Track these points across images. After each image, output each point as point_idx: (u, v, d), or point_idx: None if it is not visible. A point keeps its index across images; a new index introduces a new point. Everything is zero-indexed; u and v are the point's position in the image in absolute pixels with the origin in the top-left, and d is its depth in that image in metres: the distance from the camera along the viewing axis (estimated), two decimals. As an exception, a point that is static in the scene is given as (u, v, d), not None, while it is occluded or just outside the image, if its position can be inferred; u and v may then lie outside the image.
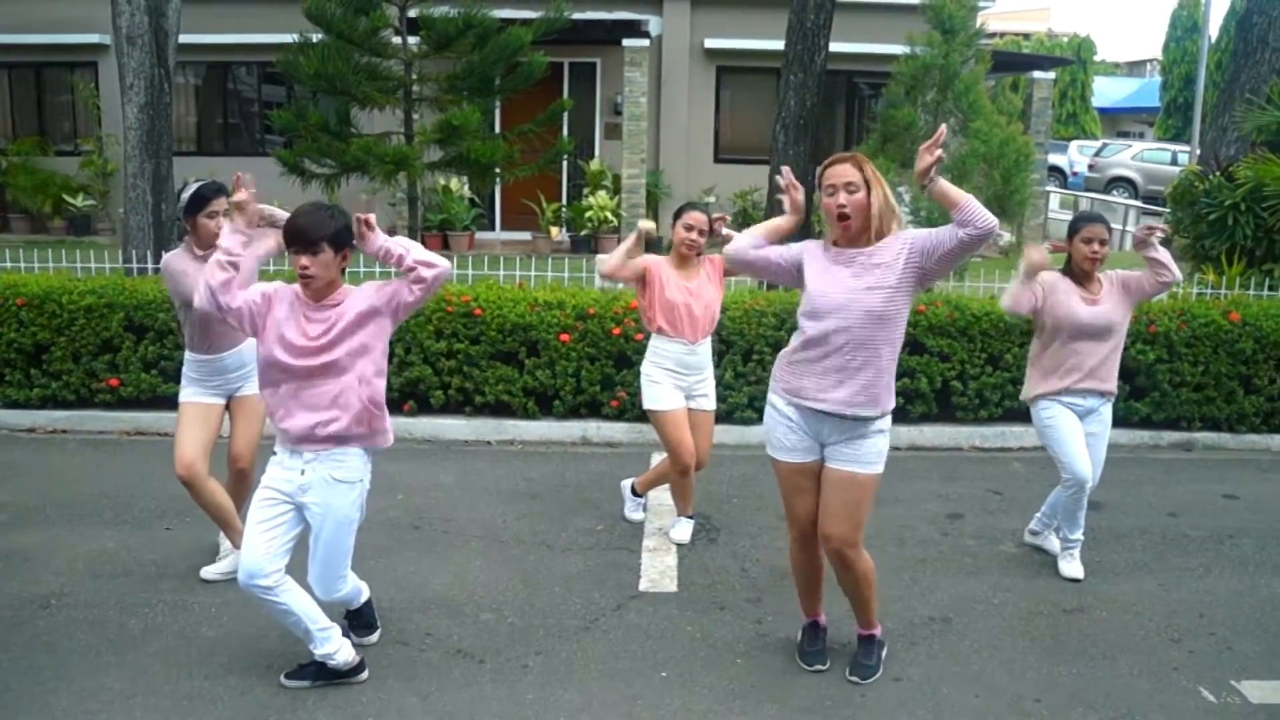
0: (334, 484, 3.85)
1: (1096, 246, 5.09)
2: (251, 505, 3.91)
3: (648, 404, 5.45)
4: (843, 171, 3.80)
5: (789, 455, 4.04)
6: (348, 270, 3.91)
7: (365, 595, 4.35)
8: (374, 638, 4.37)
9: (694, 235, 5.47)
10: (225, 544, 5.03)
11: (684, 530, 5.61)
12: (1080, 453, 5.09)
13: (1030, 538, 5.61)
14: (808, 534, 4.12)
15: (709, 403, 5.58)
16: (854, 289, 3.81)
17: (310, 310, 3.80)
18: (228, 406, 5.00)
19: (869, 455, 3.95)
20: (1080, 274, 5.14)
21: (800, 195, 4.07)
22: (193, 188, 4.72)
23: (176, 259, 4.77)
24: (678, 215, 5.56)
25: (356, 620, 4.36)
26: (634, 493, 5.86)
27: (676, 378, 5.40)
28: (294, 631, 3.97)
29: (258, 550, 3.80)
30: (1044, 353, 5.17)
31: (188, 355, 4.88)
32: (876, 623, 4.29)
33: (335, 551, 3.95)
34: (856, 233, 3.84)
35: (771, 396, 4.08)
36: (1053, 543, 5.49)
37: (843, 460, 3.96)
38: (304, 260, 3.71)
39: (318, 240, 3.70)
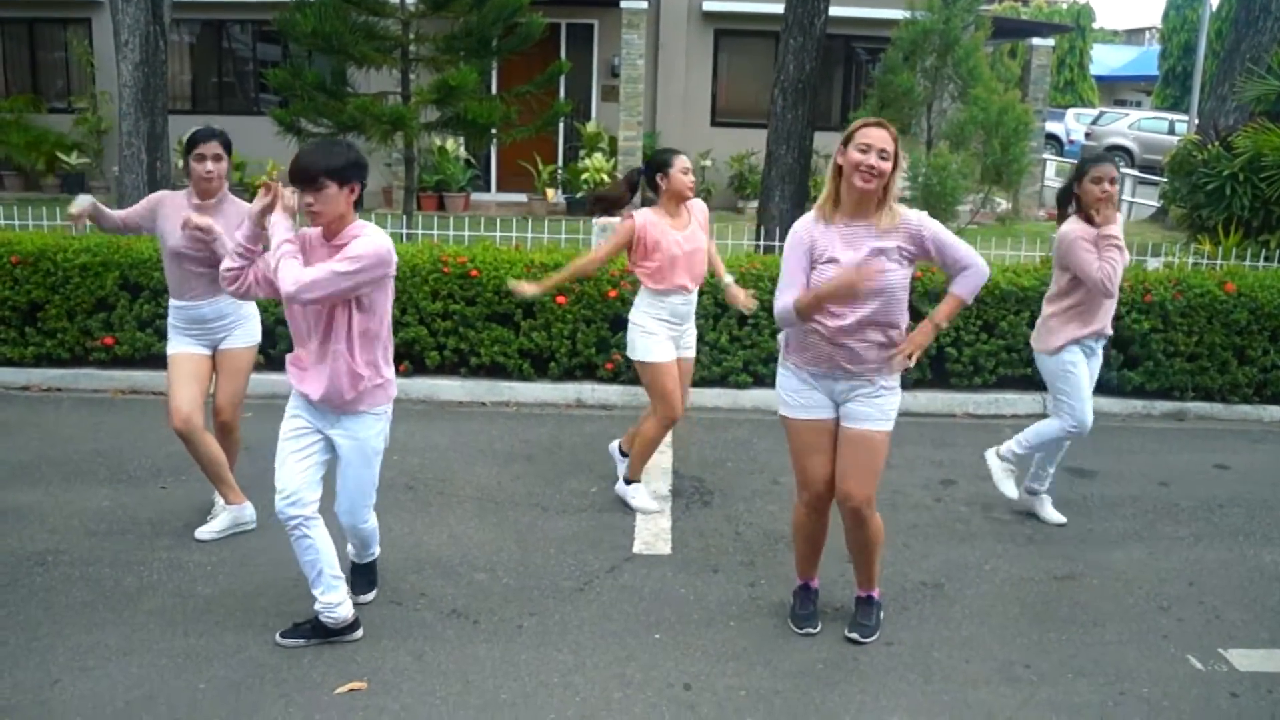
0: (361, 415, 3.95)
1: (1107, 185, 5.08)
2: (281, 438, 4.05)
3: (642, 355, 5.38)
4: (882, 137, 3.83)
5: (806, 413, 4.06)
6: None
7: (377, 551, 4.42)
8: (370, 596, 4.41)
9: (691, 177, 5.37)
10: (219, 501, 5.05)
11: (645, 497, 5.57)
12: (1089, 401, 5.22)
13: (1029, 497, 5.62)
14: (822, 496, 4.15)
15: (692, 351, 5.65)
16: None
17: (328, 250, 3.81)
18: (214, 358, 5.01)
19: (883, 413, 4.01)
20: (1094, 217, 5.11)
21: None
22: (190, 131, 4.84)
23: (171, 197, 4.93)
24: (665, 165, 5.33)
25: (360, 575, 4.41)
26: (623, 453, 5.83)
27: (670, 328, 5.40)
28: (307, 572, 4.01)
29: (296, 478, 3.96)
30: (1071, 300, 5.18)
31: (170, 302, 4.95)
32: (878, 584, 4.33)
33: (364, 481, 4.09)
34: (869, 198, 3.86)
35: (785, 359, 4.12)
36: (1048, 510, 5.53)
37: (859, 419, 4.01)
38: (308, 198, 3.70)
39: (317, 175, 3.67)
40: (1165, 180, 13.56)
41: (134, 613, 4.25)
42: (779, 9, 9.78)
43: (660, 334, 5.36)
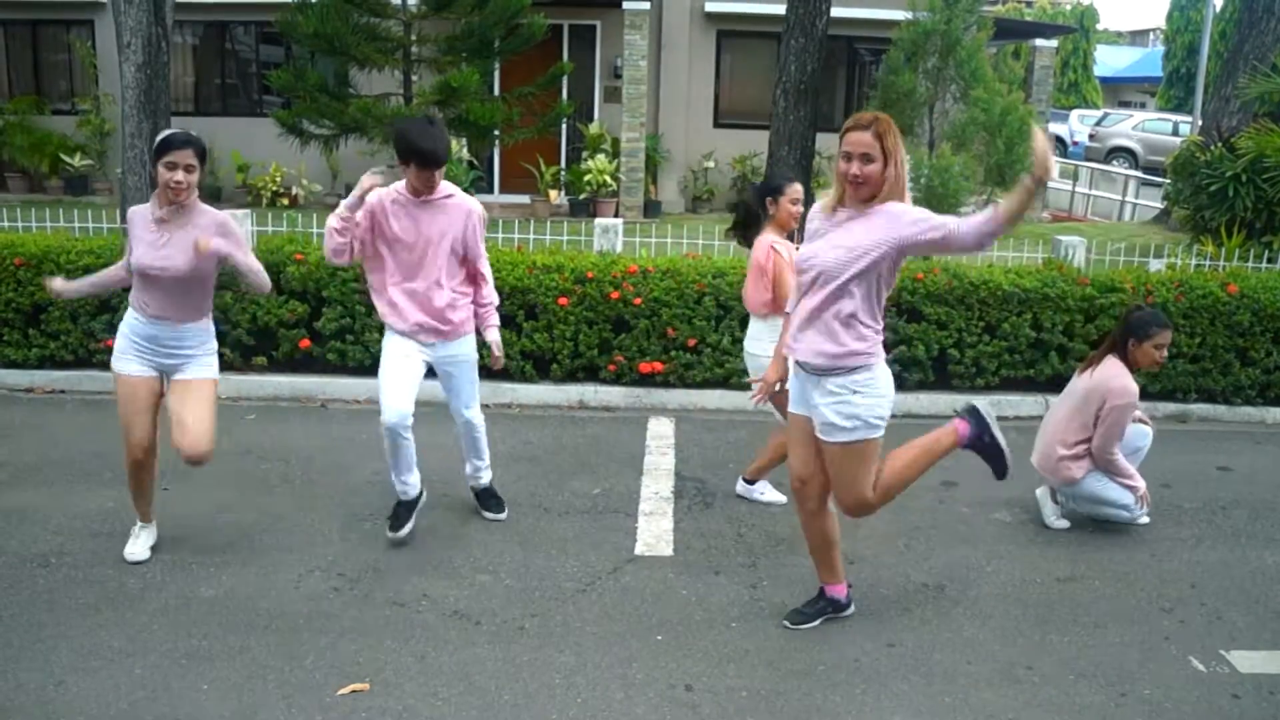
0: (460, 338, 4.94)
1: (1165, 354, 5.33)
2: (385, 361, 4.82)
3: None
4: (861, 140, 3.75)
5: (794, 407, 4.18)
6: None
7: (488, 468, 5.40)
8: (503, 515, 5.33)
9: (800, 207, 5.34)
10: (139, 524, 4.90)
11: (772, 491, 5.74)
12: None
13: (1042, 494, 5.65)
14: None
15: None
16: (831, 245, 3.87)
17: (425, 206, 4.76)
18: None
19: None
20: (1137, 370, 5.31)
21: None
22: (163, 134, 4.45)
23: (137, 213, 4.58)
24: (777, 190, 5.34)
25: (486, 497, 5.39)
26: (749, 482, 5.76)
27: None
28: (397, 467, 4.87)
29: (403, 398, 4.72)
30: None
31: (129, 315, 4.67)
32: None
33: (472, 383, 5.08)
34: (864, 199, 3.83)
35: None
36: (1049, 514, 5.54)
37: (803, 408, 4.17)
38: (432, 173, 4.65)
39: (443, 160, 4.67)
40: (1168, 181, 13.56)
41: (137, 614, 4.26)
42: (781, 10, 9.79)
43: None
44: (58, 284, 4.83)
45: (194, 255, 4.40)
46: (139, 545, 4.80)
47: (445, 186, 4.79)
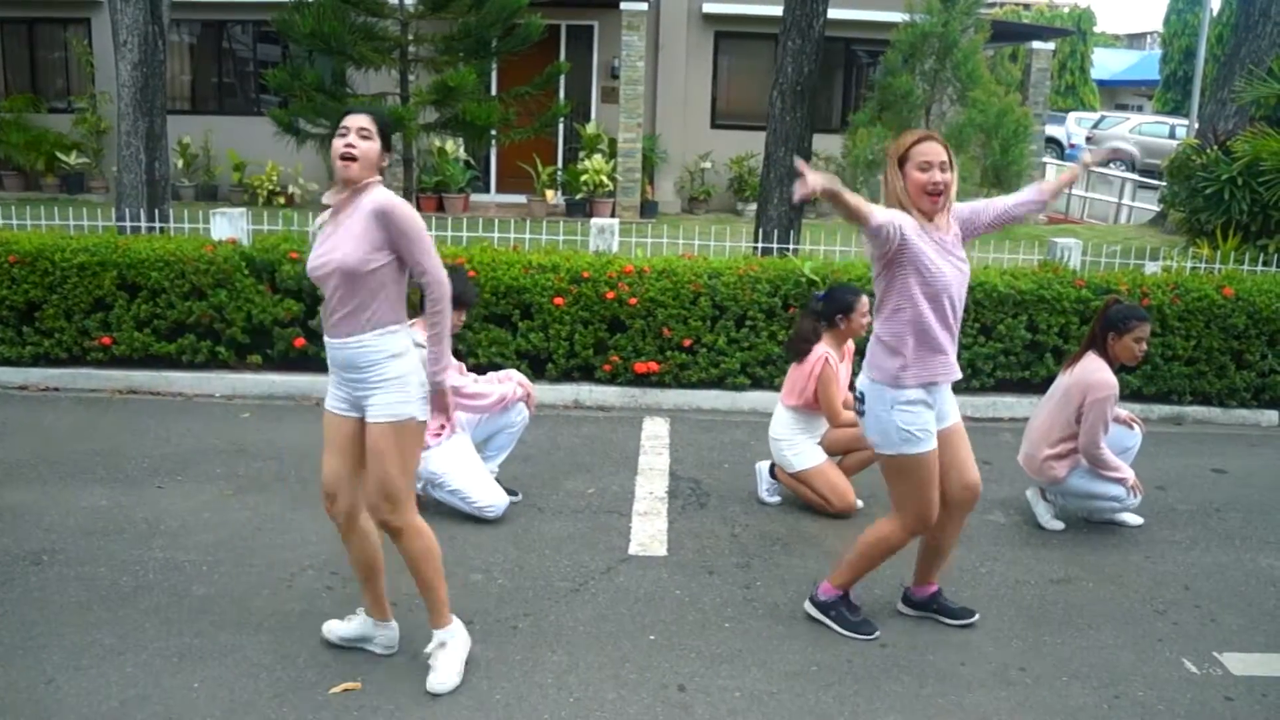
0: None
1: (1145, 347, 5.31)
2: None
3: (810, 464, 5.54)
4: (938, 150, 3.86)
5: (933, 441, 4.05)
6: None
7: None
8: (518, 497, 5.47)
9: (869, 317, 5.45)
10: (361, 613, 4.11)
11: None
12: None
13: (1033, 495, 5.68)
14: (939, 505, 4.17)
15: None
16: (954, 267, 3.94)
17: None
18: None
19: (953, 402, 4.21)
20: (1119, 367, 5.31)
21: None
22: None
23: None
24: (848, 309, 5.51)
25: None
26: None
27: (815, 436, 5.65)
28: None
29: None
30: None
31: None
32: None
33: None
34: (933, 213, 3.91)
35: (899, 393, 3.98)
36: (1042, 513, 5.53)
37: (950, 416, 4.16)
38: None
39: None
40: (1164, 184, 13.57)
41: (129, 612, 4.25)
42: (779, 11, 9.78)
43: (811, 442, 5.62)
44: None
45: (356, 248, 3.54)
46: (339, 623, 4.08)
47: None
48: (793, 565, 4.93)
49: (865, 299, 5.45)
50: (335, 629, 4.05)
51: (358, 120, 3.60)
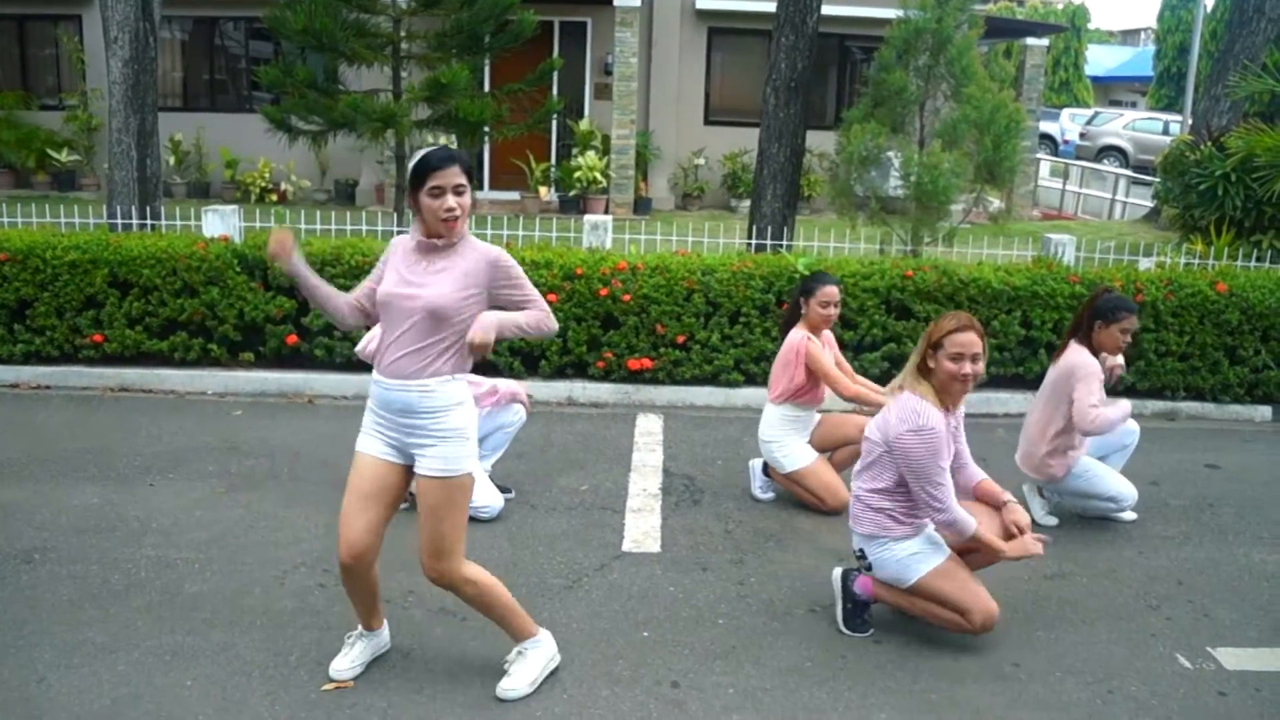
0: None
1: (1129, 339, 5.31)
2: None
3: (801, 463, 5.54)
4: (974, 342, 3.98)
5: (945, 549, 4.26)
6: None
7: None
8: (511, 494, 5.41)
9: (834, 309, 5.52)
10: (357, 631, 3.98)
11: None
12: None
13: (1027, 492, 5.68)
14: None
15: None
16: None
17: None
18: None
19: None
20: (1100, 354, 5.32)
21: None
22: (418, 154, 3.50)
23: (400, 242, 3.67)
24: (808, 292, 5.50)
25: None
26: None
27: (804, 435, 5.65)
28: None
29: None
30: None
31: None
32: None
33: None
34: (960, 399, 4.12)
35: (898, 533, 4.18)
36: (1036, 509, 5.53)
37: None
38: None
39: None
40: (1158, 180, 13.57)
41: (121, 610, 4.23)
42: (772, 7, 9.77)
43: (801, 439, 5.64)
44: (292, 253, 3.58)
45: (455, 289, 3.47)
46: (345, 659, 3.87)
47: None
48: (786, 561, 4.92)
49: (832, 288, 5.45)
50: (342, 666, 3.82)
51: (451, 177, 3.42)
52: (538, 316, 3.56)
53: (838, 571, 4.37)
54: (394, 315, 3.49)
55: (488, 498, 5.24)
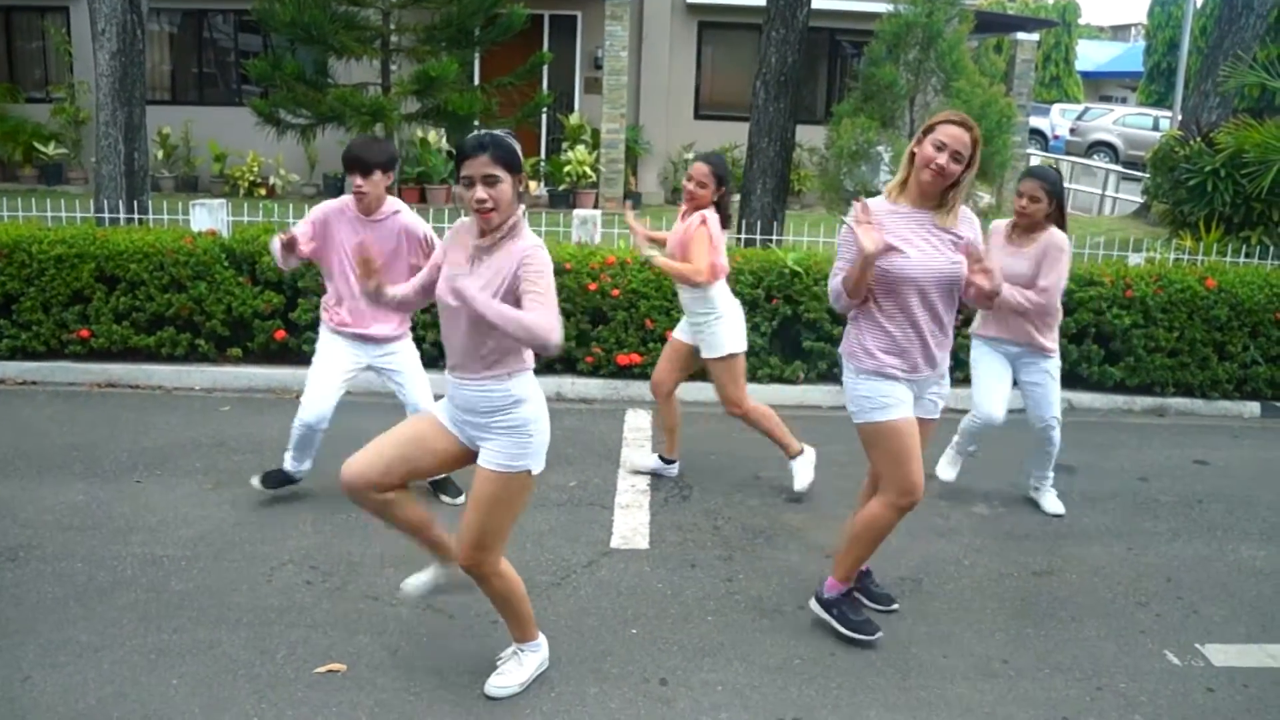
0: None
1: (1025, 203, 5.19)
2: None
3: (740, 346, 5.63)
4: (960, 137, 3.75)
5: (906, 410, 3.98)
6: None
7: None
8: (461, 500, 5.26)
9: (692, 184, 5.72)
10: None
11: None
12: (991, 394, 5.52)
13: (1033, 494, 5.72)
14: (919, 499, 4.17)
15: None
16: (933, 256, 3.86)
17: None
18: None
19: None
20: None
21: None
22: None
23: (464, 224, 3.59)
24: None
25: (444, 481, 5.39)
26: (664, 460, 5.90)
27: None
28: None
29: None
30: None
31: None
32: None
33: None
34: (933, 192, 3.84)
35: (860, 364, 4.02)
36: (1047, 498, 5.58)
37: (925, 411, 4.11)
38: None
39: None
40: (1148, 176, 13.60)
41: (106, 608, 4.20)
42: (762, 1, 9.76)
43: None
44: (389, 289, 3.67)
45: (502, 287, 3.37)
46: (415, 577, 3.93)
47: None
48: (775, 558, 4.92)
49: (699, 165, 5.66)
50: (411, 581, 3.89)
51: (480, 166, 3.26)
52: (533, 318, 3.25)
53: (811, 602, 4.32)
54: (445, 315, 3.46)
55: None
